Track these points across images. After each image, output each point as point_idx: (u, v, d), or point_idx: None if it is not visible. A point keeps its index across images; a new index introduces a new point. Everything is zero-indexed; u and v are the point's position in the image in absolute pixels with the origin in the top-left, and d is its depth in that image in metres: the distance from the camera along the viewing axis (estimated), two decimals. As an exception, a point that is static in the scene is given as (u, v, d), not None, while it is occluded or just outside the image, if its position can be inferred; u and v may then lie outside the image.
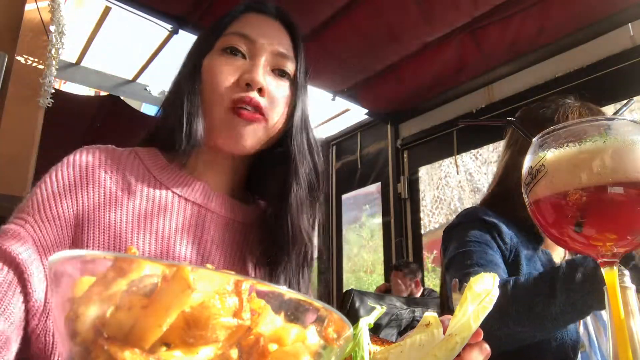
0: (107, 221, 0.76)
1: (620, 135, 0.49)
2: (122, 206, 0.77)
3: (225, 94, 0.79)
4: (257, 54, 0.82)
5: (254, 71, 0.80)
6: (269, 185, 0.89)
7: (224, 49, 0.82)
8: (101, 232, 0.75)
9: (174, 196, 0.82)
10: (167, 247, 0.78)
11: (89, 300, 0.26)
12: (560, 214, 0.51)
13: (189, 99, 0.81)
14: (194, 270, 0.26)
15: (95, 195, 0.77)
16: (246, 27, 0.84)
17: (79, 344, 0.26)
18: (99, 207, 0.76)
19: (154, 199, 0.81)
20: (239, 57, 0.82)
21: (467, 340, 0.34)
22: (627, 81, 2.48)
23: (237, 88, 0.80)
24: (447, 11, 2.50)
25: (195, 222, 0.82)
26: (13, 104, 2.22)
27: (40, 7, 2.28)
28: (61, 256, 0.26)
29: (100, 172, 0.79)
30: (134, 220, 0.77)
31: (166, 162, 0.85)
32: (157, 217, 0.80)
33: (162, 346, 0.26)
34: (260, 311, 0.27)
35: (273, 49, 0.83)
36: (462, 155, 3.39)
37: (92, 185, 0.77)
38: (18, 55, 2.26)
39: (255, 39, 0.82)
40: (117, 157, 0.83)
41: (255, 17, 0.87)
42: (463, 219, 1.30)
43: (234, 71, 0.80)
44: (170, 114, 0.84)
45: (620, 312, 0.49)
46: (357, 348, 0.32)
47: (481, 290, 0.37)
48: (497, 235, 1.21)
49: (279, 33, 0.86)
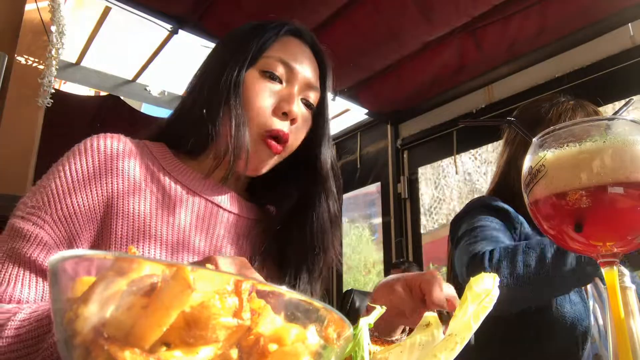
0: (131, 210, 0.76)
1: (620, 135, 0.49)
2: (145, 195, 0.79)
3: (263, 119, 0.83)
4: (292, 81, 0.87)
5: (291, 102, 0.84)
6: (281, 194, 0.92)
7: (264, 72, 0.85)
8: (125, 221, 0.75)
9: (184, 189, 0.84)
10: (182, 238, 0.79)
11: (88, 300, 0.26)
12: (560, 214, 0.51)
13: (233, 108, 0.82)
14: (194, 270, 0.26)
15: (120, 184, 0.77)
16: (287, 53, 0.87)
17: (78, 344, 0.26)
18: (123, 195, 0.77)
19: (169, 191, 0.82)
20: (276, 82, 0.86)
21: (467, 340, 0.34)
22: (627, 81, 2.48)
23: (274, 115, 0.84)
24: (447, 11, 2.50)
25: (206, 216, 0.84)
26: (13, 104, 2.22)
27: (40, 7, 2.28)
28: (60, 256, 0.26)
29: (124, 160, 0.79)
30: (152, 210, 0.78)
31: (175, 158, 0.87)
32: (173, 209, 0.81)
33: (162, 346, 0.26)
34: (260, 311, 0.27)
35: (305, 78, 0.88)
36: (461, 155, 3.39)
37: (117, 174, 0.78)
38: (18, 55, 2.26)
39: (293, 66, 0.87)
40: (134, 147, 0.84)
41: (294, 43, 0.90)
42: (471, 206, 1.30)
43: (272, 96, 0.84)
44: (198, 115, 0.84)
45: (620, 312, 0.49)
46: (357, 348, 0.32)
47: (481, 290, 0.37)
48: (507, 219, 1.21)
49: (311, 62, 0.91)
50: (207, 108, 0.83)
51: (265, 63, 0.85)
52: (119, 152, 0.80)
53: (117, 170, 0.78)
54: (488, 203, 1.25)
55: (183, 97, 0.93)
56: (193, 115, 0.86)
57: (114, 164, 0.78)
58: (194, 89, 0.90)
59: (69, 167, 0.76)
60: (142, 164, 0.82)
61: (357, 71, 3.05)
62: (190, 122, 0.86)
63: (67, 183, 0.74)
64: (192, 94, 0.90)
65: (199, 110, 0.84)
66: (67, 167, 0.75)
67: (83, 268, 0.27)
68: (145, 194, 0.79)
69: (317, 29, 2.57)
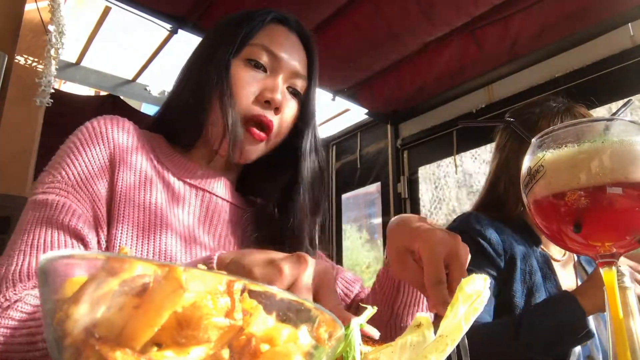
0: (141, 201, 0.76)
1: (619, 136, 0.49)
2: (153, 187, 0.79)
3: (245, 106, 0.83)
4: (277, 70, 0.87)
5: (275, 90, 0.84)
6: (266, 187, 0.93)
7: (249, 60, 0.86)
8: (137, 210, 0.75)
9: (182, 182, 0.84)
10: (188, 232, 0.80)
11: (79, 300, 0.25)
12: (559, 214, 0.51)
13: (221, 96, 0.83)
14: (186, 270, 0.25)
15: (130, 177, 0.78)
16: (272, 41, 0.87)
17: (69, 344, 0.25)
18: (133, 187, 0.77)
19: (168, 184, 0.83)
20: (260, 70, 0.86)
21: (458, 341, 0.34)
22: (627, 81, 2.47)
23: (257, 103, 0.84)
24: (447, 11, 2.49)
25: (209, 209, 0.85)
26: (13, 104, 2.22)
27: (40, 7, 2.28)
28: (51, 256, 0.26)
29: (135, 153, 0.80)
30: (161, 202, 0.79)
31: (172, 150, 0.88)
32: (176, 202, 0.82)
33: (153, 346, 0.25)
34: (252, 311, 0.27)
35: (291, 66, 0.88)
36: (461, 156, 3.39)
37: (128, 167, 0.78)
38: (18, 55, 2.26)
39: (278, 55, 0.86)
40: (142, 137, 0.85)
41: (280, 30, 0.90)
42: (456, 227, 1.30)
43: (256, 84, 0.84)
44: (190, 103, 0.86)
45: (619, 313, 0.49)
46: (348, 348, 0.32)
47: (472, 291, 0.37)
48: (489, 245, 1.22)
49: (298, 49, 0.91)
50: (195, 97, 0.85)
51: (250, 51, 0.86)
52: (129, 145, 0.81)
53: (127, 164, 0.79)
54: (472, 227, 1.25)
55: (173, 87, 0.94)
56: (183, 104, 0.88)
57: (124, 157, 0.79)
58: (183, 78, 0.92)
59: (78, 140, 0.77)
60: (148, 156, 0.83)
61: (357, 71, 3.05)
62: (181, 112, 0.88)
63: (80, 168, 0.75)
64: (181, 84, 0.91)
65: (188, 99, 0.86)
66: (77, 140, 0.77)
67: (74, 268, 0.26)
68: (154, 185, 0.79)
69: (318, 28, 2.57)
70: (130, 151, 0.80)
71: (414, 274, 0.63)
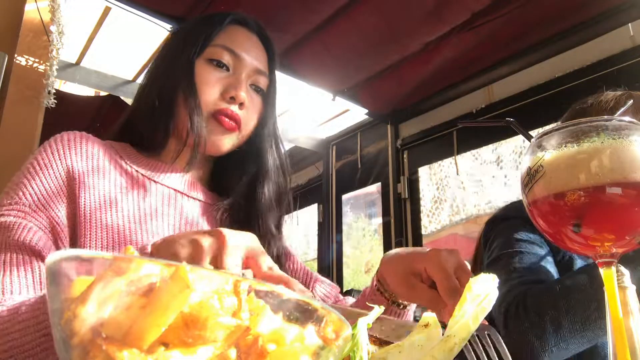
0: (107, 220, 0.77)
1: (619, 136, 0.49)
2: (109, 177, 0.82)
3: (210, 103, 0.87)
4: (240, 69, 0.91)
5: (238, 87, 0.88)
6: (235, 182, 0.96)
7: (211, 60, 0.89)
8: (102, 230, 0.77)
9: (145, 178, 0.86)
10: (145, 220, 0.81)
11: (87, 300, 0.26)
12: (558, 214, 0.51)
13: (185, 96, 0.86)
14: (193, 270, 0.26)
15: (94, 194, 0.79)
16: (233, 42, 0.92)
17: (76, 344, 0.26)
18: (98, 205, 0.78)
19: (131, 177, 0.85)
20: (223, 69, 0.90)
21: (466, 341, 0.34)
22: (627, 81, 2.48)
23: (222, 99, 0.88)
24: (447, 10, 2.49)
25: (170, 203, 0.88)
26: (13, 104, 2.22)
27: (40, 7, 2.28)
28: (58, 256, 0.26)
29: (97, 170, 0.82)
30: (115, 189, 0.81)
31: (138, 153, 0.90)
32: (135, 192, 0.84)
33: (160, 346, 0.26)
34: (259, 311, 0.27)
35: (253, 65, 0.92)
36: (462, 156, 3.39)
37: (91, 185, 0.80)
38: (18, 56, 2.26)
39: (239, 54, 0.91)
40: (107, 148, 0.87)
41: (240, 31, 0.94)
42: (510, 213, 1.25)
43: (219, 83, 0.88)
44: (156, 105, 0.88)
45: (619, 312, 0.49)
46: (355, 348, 0.32)
47: (480, 291, 0.37)
48: None
49: (259, 48, 0.96)
50: (161, 98, 0.88)
51: (212, 52, 0.90)
52: (82, 138, 0.84)
53: (79, 150, 0.81)
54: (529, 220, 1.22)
55: (138, 91, 0.97)
56: (149, 106, 0.89)
57: (76, 145, 0.82)
58: (148, 82, 0.95)
59: (36, 161, 0.79)
60: (105, 152, 0.85)
61: (357, 71, 3.05)
62: (148, 115, 0.90)
63: (36, 172, 0.76)
64: (146, 87, 0.94)
65: (154, 102, 0.88)
66: (35, 162, 0.79)
67: (81, 268, 0.27)
68: (118, 203, 0.80)
69: (318, 28, 2.57)
70: (92, 168, 0.81)
71: (424, 292, 0.68)
